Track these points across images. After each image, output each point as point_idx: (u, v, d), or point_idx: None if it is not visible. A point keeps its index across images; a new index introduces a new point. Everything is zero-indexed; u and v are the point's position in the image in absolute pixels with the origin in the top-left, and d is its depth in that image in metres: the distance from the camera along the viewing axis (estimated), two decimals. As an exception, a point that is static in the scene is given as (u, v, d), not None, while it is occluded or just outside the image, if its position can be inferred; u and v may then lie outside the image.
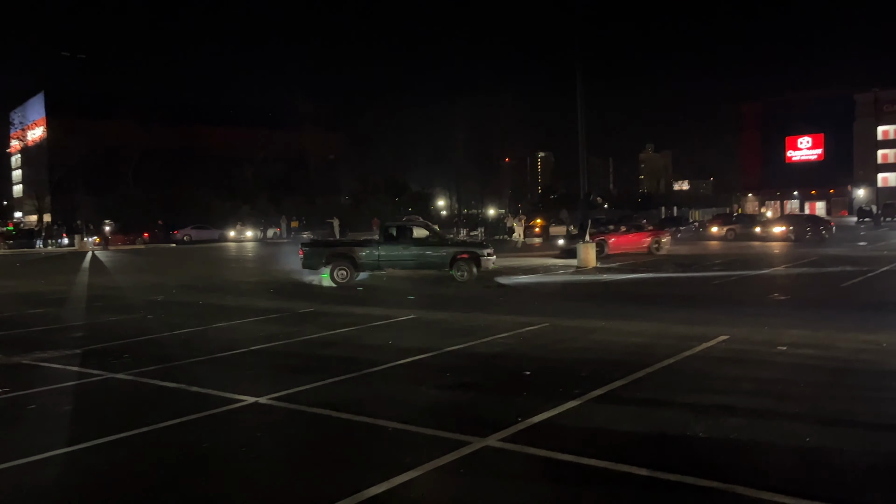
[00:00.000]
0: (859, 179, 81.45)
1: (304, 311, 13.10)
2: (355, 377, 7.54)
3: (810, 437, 5.05)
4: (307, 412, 6.27)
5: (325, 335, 10.36)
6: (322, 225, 53.30)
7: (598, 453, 4.90)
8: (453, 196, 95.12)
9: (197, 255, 35.88)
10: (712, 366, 7.52)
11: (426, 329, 10.65)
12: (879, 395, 6.16)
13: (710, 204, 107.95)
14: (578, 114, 22.12)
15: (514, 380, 7.22)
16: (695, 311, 11.52)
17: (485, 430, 5.48)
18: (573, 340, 9.34)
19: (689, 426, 5.41)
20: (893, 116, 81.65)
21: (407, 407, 6.33)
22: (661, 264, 21.70)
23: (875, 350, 7.97)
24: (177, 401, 6.84)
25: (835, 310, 11.25)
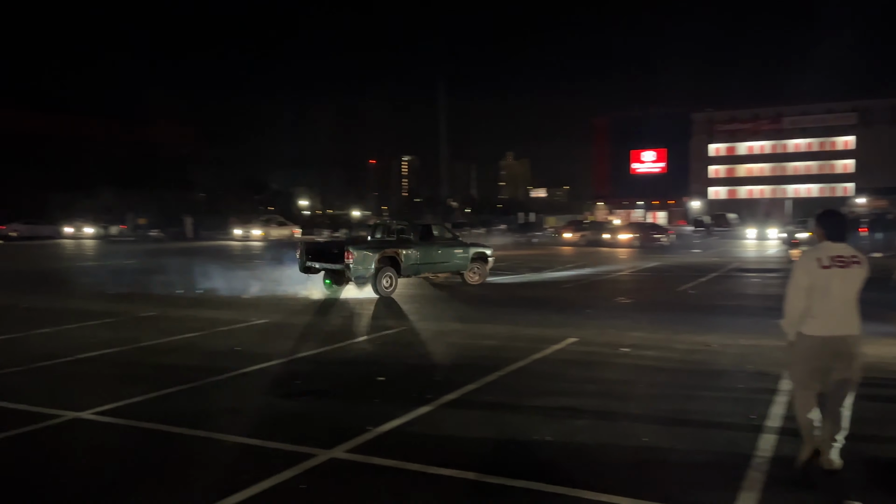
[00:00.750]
0: (694, 192, 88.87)
1: (144, 314, 12.13)
2: (195, 387, 7.00)
3: (648, 438, 5.23)
4: (136, 427, 5.70)
5: (166, 341, 9.60)
6: (173, 223, 50.25)
7: (447, 461, 4.79)
8: (317, 196, 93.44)
9: (25, 253, 32.55)
10: (561, 368, 7.71)
11: (278, 334, 10.18)
12: (710, 394, 6.55)
13: (565, 211, 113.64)
14: (440, 122, 22.49)
15: (367, 386, 7.00)
16: (546, 314, 11.86)
17: (331, 441, 5.22)
18: (431, 343, 9.27)
19: (538, 430, 5.45)
20: (724, 136, 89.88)
21: (249, 419, 5.93)
22: (517, 267, 22.35)
23: (706, 351, 8.53)
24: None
25: (672, 313, 12.00)
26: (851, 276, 4.38)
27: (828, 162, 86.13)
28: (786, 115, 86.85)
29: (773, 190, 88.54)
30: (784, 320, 4.60)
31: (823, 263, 4.38)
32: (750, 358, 8.04)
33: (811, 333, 4.42)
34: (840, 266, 4.37)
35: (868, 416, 5.65)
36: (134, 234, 52.86)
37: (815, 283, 4.38)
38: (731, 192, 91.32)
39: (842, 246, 4.46)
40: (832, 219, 4.57)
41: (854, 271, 4.39)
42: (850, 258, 4.40)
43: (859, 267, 4.41)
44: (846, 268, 4.37)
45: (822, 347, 4.40)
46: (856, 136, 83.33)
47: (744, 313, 11.95)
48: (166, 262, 23.67)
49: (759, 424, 5.48)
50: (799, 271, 4.48)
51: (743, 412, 5.85)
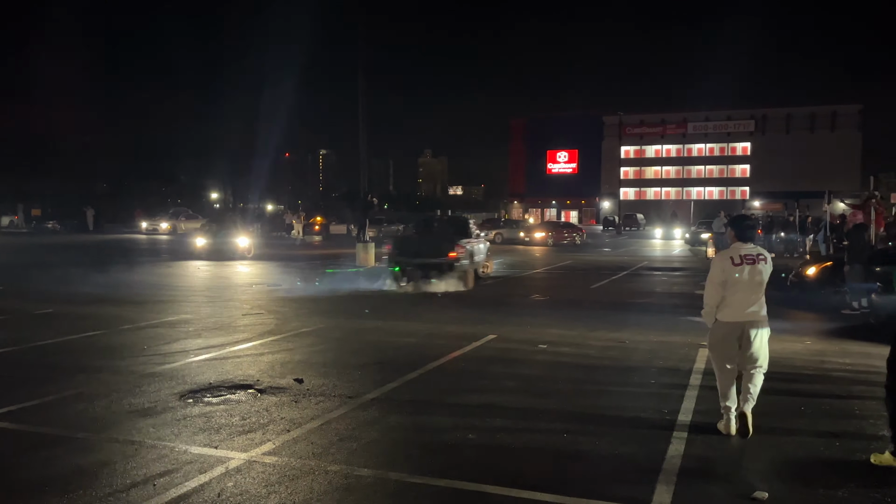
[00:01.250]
0: (605, 192, 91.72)
1: (40, 312, 11.38)
2: (98, 389, 6.60)
3: (567, 434, 5.32)
4: (33, 433, 5.30)
5: (65, 340, 9.04)
6: (73, 214, 47.48)
7: (369, 462, 4.71)
8: (229, 189, 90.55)
9: None
10: (481, 365, 7.75)
11: (190, 333, 9.76)
12: (625, 389, 6.73)
13: (481, 209, 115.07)
14: (360, 117, 22.03)
15: (284, 387, 6.79)
16: (465, 311, 11.92)
17: (249, 444, 5.04)
18: (347, 341, 9.12)
19: (460, 428, 5.44)
20: (634, 139, 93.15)
21: (160, 421, 5.63)
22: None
23: (619, 347, 8.78)
24: None
25: (586, 310, 12.32)
26: (758, 270, 5.13)
27: (727, 166, 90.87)
28: (690, 120, 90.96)
29: (678, 192, 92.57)
30: (704, 311, 5.39)
31: (735, 261, 5.13)
32: (660, 354, 8.34)
33: (725, 320, 5.18)
34: (749, 263, 5.12)
35: (770, 410, 5.96)
36: (28, 227, 49.60)
37: (728, 278, 5.12)
38: (639, 193, 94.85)
39: (750, 246, 5.22)
40: (743, 222, 5.36)
41: (760, 266, 5.15)
42: (758, 256, 5.18)
43: (765, 263, 5.19)
44: (754, 264, 5.13)
45: (734, 330, 5.14)
46: (751, 143, 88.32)
47: (653, 310, 12.40)
48: (54, 258, 22.35)
49: (672, 419, 5.67)
50: (715, 269, 5.23)
51: (656, 407, 6.04)
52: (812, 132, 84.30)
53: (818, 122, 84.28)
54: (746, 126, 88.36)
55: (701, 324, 10.44)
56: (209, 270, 19.36)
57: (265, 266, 20.77)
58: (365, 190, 22.89)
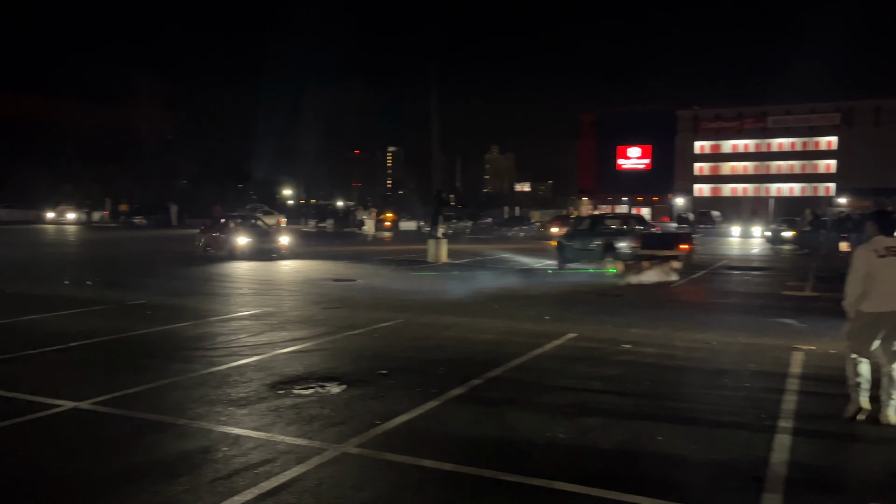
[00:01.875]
0: (679, 189, 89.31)
1: (133, 303, 11.92)
2: (194, 378, 6.86)
3: (662, 436, 5.18)
4: (137, 418, 5.55)
5: (158, 330, 9.43)
6: (157, 209, 49.62)
7: (462, 457, 4.71)
8: (301, 185, 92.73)
9: (5, 238, 31.96)
10: (563, 364, 7.65)
11: (275, 325, 10.03)
12: (717, 392, 6.51)
13: (549, 206, 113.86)
14: (432, 114, 22.12)
15: (370, 380, 6.89)
16: (542, 308, 11.80)
17: (341, 436, 5.12)
18: (427, 338, 9.17)
19: (549, 427, 5.38)
20: (709, 133, 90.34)
21: (254, 411, 5.80)
22: (508, 260, 22.30)
23: (707, 349, 8.51)
24: (-27, 408, 5.82)
25: (667, 309, 12.00)
26: None
27: (810, 162, 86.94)
28: (770, 114, 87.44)
29: (756, 188, 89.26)
30: (845, 301, 5.56)
31: (880, 253, 5.34)
32: (752, 356, 8.03)
33: (869, 310, 5.36)
34: (894, 255, 5.33)
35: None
36: (116, 221, 52.12)
37: (872, 270, 5.32)
38: (714, 189, 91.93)
39: (893, 238, 5.45)
40: (886, 217, 5.62)
41: None
42: None
43: None
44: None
45: (878, 321, 5.33)
46: (838, 137, 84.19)
47: (739, 311, 11.97)
48: (142, 250, 23.36)
49: (772, 424, 5.44)
50: (858, 261, 5.43)
51: (753, 411, 5.82)
52: (904, 125, 79.67)
53: (910, 115, 79.57)
54: (831, 119, 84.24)
55: (793, 327, 10.14)
56: (287, 266, 19.84)
57: (347, 262, 21.15)
58: (437, 188, 23.02)
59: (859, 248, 5.57)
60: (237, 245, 20.64)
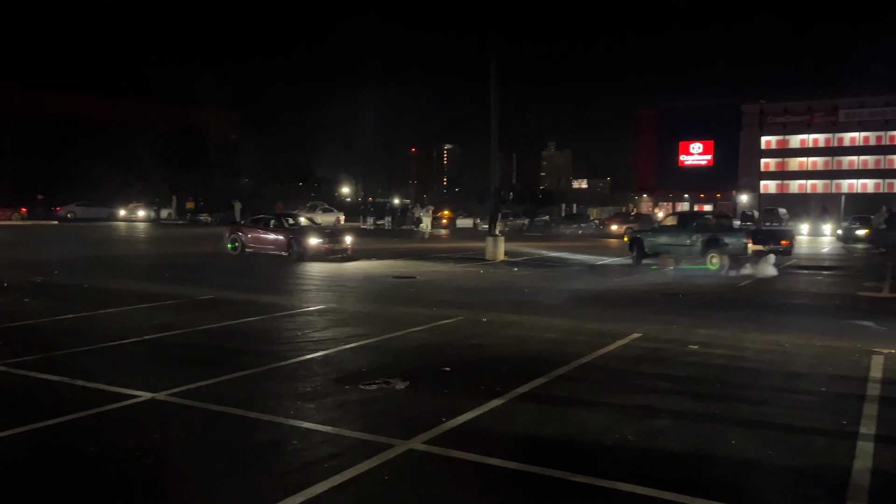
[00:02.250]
0: (743, 185, 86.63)
1: (203, 297, 12.29)
2: (263, 372, 7.02)
3: (735, 440, 5.04)
4: (212, 410, 5.72)
5: (227, 325, 9.70)
6: (222, 207, 51.00)
7: (529, 457, 4.68)
8: (359, 183, 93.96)
9: (82, 235, 33.44)
10: (629, 364, 7.52)
11: (338, 321, 10.19)
12: (792, 396, 6.29)
13: (606, 203, 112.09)
14: (491, 112, 22.02)
15: (434, 376, 6.93)
16: (604, 308, 11.63)
17: (408, 432, 5.16)
18: (489, 335, 9.16)
19: (617, 428, 5.30)
20: (776, 128, 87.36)
21: (321, 405, 5.91)
22: (566, 260, 22.07)
23: (779, 351, 8.23)
24: (59, 396, 6.11)
25: (735, 310, 11.66)
26: None
27: (885, 156, 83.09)
28: (842, 107, 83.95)
29: (825, 185, 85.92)
30: None
31: None
32: (828, 360, 7.72)
33: None
34: None
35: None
36: (183, 219, 53.85)
37: None
38: (781, 185, 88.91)
39: None
40: None
41: None
42: None
43: None
44: None
45: None
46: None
47: (811, 312, 11.53)
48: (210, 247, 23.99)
49: (853, 431, 5.23)
50: None
51: (832, 417, 5.59)
52: None
53: None
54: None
55: (871, 329, 9.71)
56: (349, 264, 20.12)
57: (405, 259, 21.32)
58: (496, 186, 22.95)
59: None
60: (310, 245, 19.83)
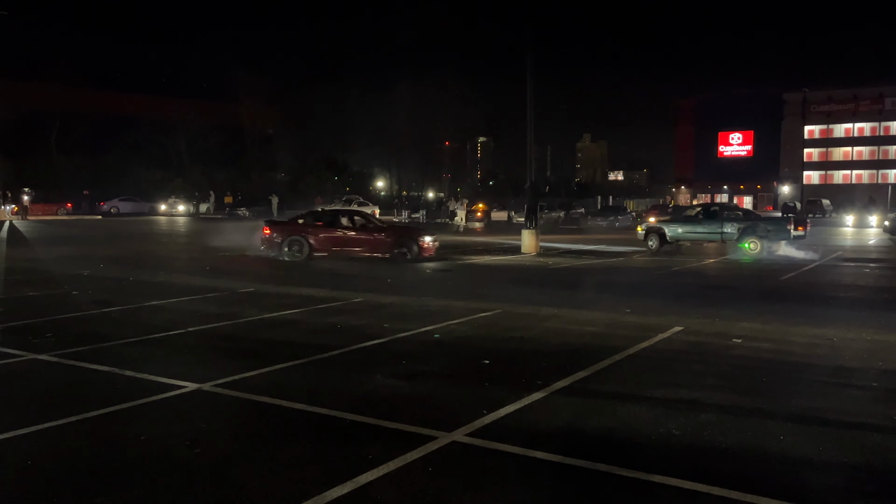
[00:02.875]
0: (784, 176, 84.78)
1: (244, 290, 12.48)
2: (305, 363, 7.10)
3: (784, 436, 4.93)
4: (256, 401, 5.81)
5: (269, 317, 9.83)
6: (259, 202, 51.76)
7: (573, 451, 4.65)
8: (393, 177, 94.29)
9: (126, 229, 34.25)
10: (672, 358, 7.42)
11: (376, 313, 10.25)
12: (843, 391, 6.14)
13: (643, 195, 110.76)
14: (527, 104, 21.88)
15: (473, 369, 6.93)
16: (644, 301, 11.49)
17: (449, 424, 5.16)
18: (528, 328, 9.12)
19: (661, 422, 5.23)
20: (820, 117, 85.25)
21: (363, 397, 5.95)
22: (603, 252, 21.87)
23: (828, 345, 8.03)
24: (108, 386, 6.26)
25: (779, 303, 11.42)
26: None
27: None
28: (888, 95, 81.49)
29: (871, 175, 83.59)
30: None
31: None
32: (879, 354, 7.51)
33: None
34: None
35: None
36: (222, 213, 54.75)
37: None
38: (824, 176, 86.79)
39: None
40: None
41: None
42: None
43: None
44: None
45: None
46: (967, 118, 77.46)
47: (860, 305, 11.23)
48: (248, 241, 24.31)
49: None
50: None
51: (885, 413, 5.44)
52: None
53: None
54: (959, 98, 77.60)
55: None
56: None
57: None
58: (531, 179, 22.80)
59: None
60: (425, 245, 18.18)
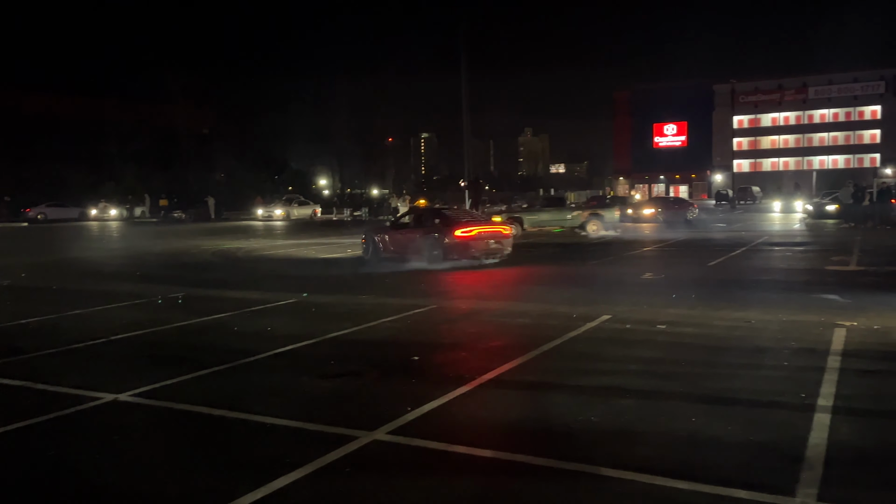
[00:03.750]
0: (717, 165, 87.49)
1: (174, 295, 12.15)
2: (230, 368, 6.96)
3: (697, 418, 5.09)
4: (176, 409, 5.67)
5: (198, 322, 9.60)
6: (196, 203, 50.46)
7: (493, 443, 4.70)
8: (336, 175, 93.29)
9: (52, 236, 32.92)
10: (598, 346, 7.57)
11: (308, 314, 10.13)
12: (756, 372, 6.37)
13: (585, 186, 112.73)
14: (463, 99, 22.03)
15: (402, 366, 6.92)
16: (576, 291, 11.69)
17: (372, 423, 5.14)
18: (457, 322, 9.17)
19: (582, 411, 5.33)
20: (748, 107, 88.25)
21: (287, 400, 5.87)
22: (542, 244, 22.16)
23: (746, 327, 8.33)
24: (19, 400, 6.02)
25: (705, 288, 11.78)
26: None
27: (854, 132, 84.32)
28: (811, 84, 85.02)
29: (797, 162, 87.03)
30: None
31: None
32: (793, 334, 7.83)
33: None
34: None
35: (925, 393, 5.49)
36: (157, 216, 53.19)
37: None
38: (754, 164, 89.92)
39: None
40: None
41: None
42: None
43: None
44: None
45: None
46: (882, 106, 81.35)
47: (780, 288, 11.70)
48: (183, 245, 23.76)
49: (812, 403, 5.31)
50: None
51: (793, 390, 5.67)
52: (953, 90, 76.60)
53: (960, 79, 76.44)
54: (876, 88, 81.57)
55: (836, 302, 9.86)
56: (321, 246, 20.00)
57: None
58: (469, 173, 22.95)
59: None
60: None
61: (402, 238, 16.47)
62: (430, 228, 15.93)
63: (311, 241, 25.66)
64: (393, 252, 16.49)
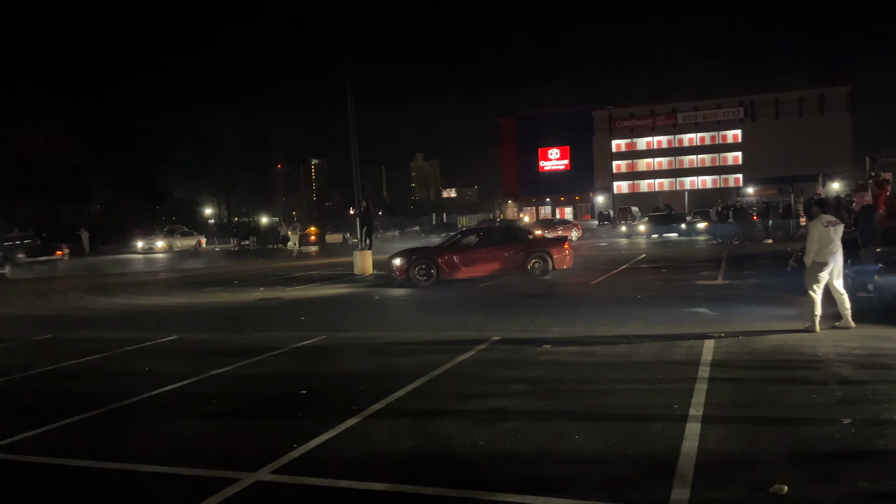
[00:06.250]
0: (599, 187, 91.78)
1: (38, 338, 11.27)
2: (101, 414, 6.51)
3: (579, 435, 5.24)
4: (33, 463, 5.22)
5: (65, 366, 8.94)
6: (67, 238, 47.19)
7: (380, 475, 4.63)
8: (222, 204, 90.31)
9: None
10: (486, 369, 7.67)
11: (188, 352, 9.67)
12: (634, 386, 6.65)
13: (475, 210, 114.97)
14: (350, 125, 21.92)
15: (289, 401, 6.72)
16: (466, 315, 11.83)
17: (255, 463, 4.94)
18: (349, 352, 9.04)
19: (469, 435, 5.36)
20: (624, 132, 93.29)
21: (164, 445, 5.55)
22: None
23: (625, 343, 8.70)
24: None
25: (588, 307, 12.23)
26: (838, 229, 8.56)
27: (719, 154, 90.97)
28: (680, 110, 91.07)
29: (671, 182, 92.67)
30: (806, 256, 8.61)
31: (824, 224, 8.50)
32: (666, 348, 8.25)
33: (822, 260, 8.46)
34: (833, 225, 8.53)
35: (782, 399, 5.92)
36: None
37: (823, 235, 8.46)
38: (632, 185, 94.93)
39: (830, 216, 8.67)
40: (824, 203, 9.28)
41: (839, 227, 8.58)
42: (836, 221, 8.64)
43: (840, 225, 8.62)
44: (836, 226, 8.56)
45: (826, 266, 8.45)
46: (741, 130, 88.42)
47: (656, 303, 12.31)
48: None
49: (684, 414, 5.60)
50: (814, 230, 8.54)
51: (667, 403, 5.96)
52: (801, 116, 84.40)
53: (807, 106, 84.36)
54: (736, 113, 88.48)
55: (704, 315, 10.54)
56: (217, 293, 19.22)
57: (271, 282, 20.65)
58: (359, 199, 22.79)
59: (812, 222, 8.65)
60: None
61: (484, 256, 17.20)
62: (526, 245, 17.49)
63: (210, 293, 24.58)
64: (464, 272, 16.95)
